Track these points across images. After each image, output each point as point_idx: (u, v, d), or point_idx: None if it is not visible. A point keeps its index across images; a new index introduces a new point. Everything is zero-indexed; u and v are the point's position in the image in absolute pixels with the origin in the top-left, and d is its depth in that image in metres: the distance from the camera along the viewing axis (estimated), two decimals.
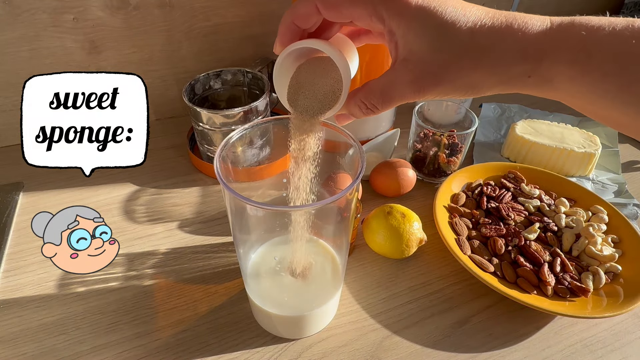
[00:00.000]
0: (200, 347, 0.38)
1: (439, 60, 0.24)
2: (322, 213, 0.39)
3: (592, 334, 0.40)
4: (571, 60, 0.22)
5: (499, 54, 0.23)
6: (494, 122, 0.71)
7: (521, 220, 0.49)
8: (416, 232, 0.44)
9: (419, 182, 0.57)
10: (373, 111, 0.27)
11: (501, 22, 0.23)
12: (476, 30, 0.23)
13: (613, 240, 0.46)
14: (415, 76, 0.24)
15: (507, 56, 0.23)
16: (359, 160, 0.30)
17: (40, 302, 0.41)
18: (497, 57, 0.23)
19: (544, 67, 0.23)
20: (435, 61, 0.24)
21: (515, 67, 0.23)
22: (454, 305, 0.42)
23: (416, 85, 0.25)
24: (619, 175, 0.60)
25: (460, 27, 0.23)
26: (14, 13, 0.53)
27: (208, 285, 0.43)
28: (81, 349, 0.37)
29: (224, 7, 0.63)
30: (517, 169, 0.55)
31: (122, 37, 0.60)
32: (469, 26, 0.23)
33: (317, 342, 0.39)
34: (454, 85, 0.24)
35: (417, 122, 0.55)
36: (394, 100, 0.26)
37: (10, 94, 0.59)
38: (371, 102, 0.27)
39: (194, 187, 0.56)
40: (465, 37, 0.23)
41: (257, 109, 0.54)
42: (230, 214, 0.32)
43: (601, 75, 0.22)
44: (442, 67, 0.24)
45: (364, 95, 0.27)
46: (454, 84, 0.24)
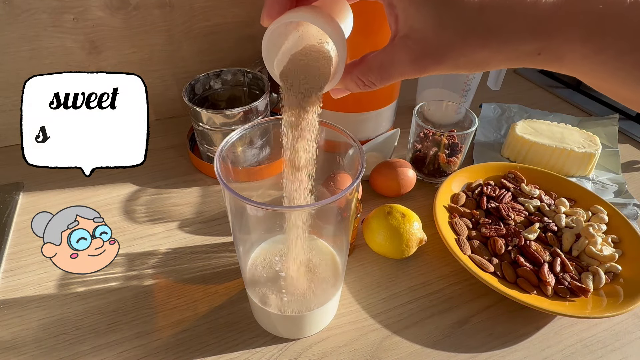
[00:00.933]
0: (200, 347, 0.38)
1: (443, 39, 0.22)
2: (322, 213, 0.39)
3: (592, 334, 0.40)
4: (584, 37, 0.20)
5: (508, 32, 0.21)
6: (494, 122, 0.71)
7: (521, 220, 0.49)
8: (416, 232, 0.44)
9: (419, 182, 0.57)
10: (370, 87, 0.26)
11: None
12: (485, 4, 0.21)
13: (613, 240, 0.46)
14: (416, 55, 0.23)
15: (517, 35, 0.21)
16: (359, 160, 0.30)
17: (40, 302, 0.41)
18: (506, 36, 0.21)
19: (554, 45, 0.21)
20: (438, 39, 0.22)
21: (525, 46, 0.21)
22: (454, 305, 0.42)
23: (417, 65, 0.23)
24: (619, 175, 0.60)
25: (468, 1, 0.21)
26: (14, 13, 0.53)
27: (208, 285, 0.43)
28: (81, 349, 0.37)
29: (224, 7, 0.63)
30: (517, 169, 0.55)
31: (122, 37, 0.60)
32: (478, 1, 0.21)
33: (317, 342, 0.39)
34: (457, 63, 0.23)
35: (417, 122, 0.55)
36: (392, 78, 0.25)
37: (10, 94, 0.59)
38: (369, 79, 0.25)
39: (194, 187, 0.56)
40: (473, 13, 0.21)
41: (257, 109, 0.54)
42: (230, 214, 0.32)
43: (616, 53, 0.20)
44: (445, 46, 0.22)
45: (361, 71, 0.26)
46: (457, 61, 0.23)
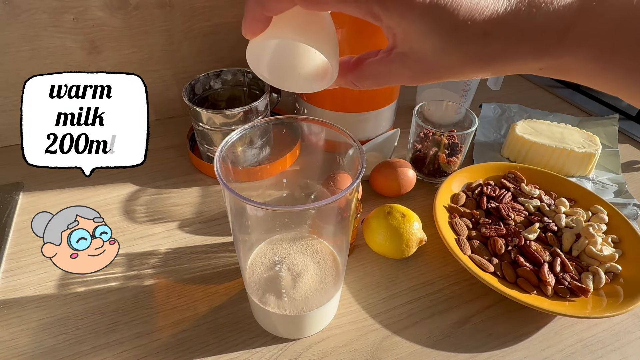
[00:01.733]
0: (200, 347, 0.38)
1: (443, 62, 0.21)
2: (322, 213, 0.39)
3: (592, 334, 0.40)
4: (593, 57, 0.20)
5: (512, 57, 0.20)
6: (494, 122, 0.71)
7: (521, 220, 0.49)
8: (416, 232, 0.44)
9: (419, 182, 0.57)
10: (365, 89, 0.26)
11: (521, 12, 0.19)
12: (489, 32, 0.20)
13: (613, 240, 0.46)
14: (414, 73, 0.23)
15: (521, 57, 0.21)
16: (359, 160, 0.30)
17: (40, 302, 0.41)
18: (509, 59, 0.21)
19: (560, 63, 0.21)
20: (438, 62, 0.22)
21: (527, 65, 0.21)
22: (454, 305, 0.42)
23: (414, 80, 0.23)
24: (619, 175, 0.60)
25: (473, 29, 0.20)
26: (14, 13, 0.53)
27: (208, 285, 0.43)
28: (81, 349, 0.37)
29: (224, 7, 0.63)
30: (517, 169, 0.55)
31: (122, 37, 0.60)
32: (483, 27, 0.20)
33: (317, 342, 0.39)
34: (456, 79, 0.23)
35: (417, 122, 0.55)
36: (387, 85, 0.25)
37: (10, 94, 0.58)
38: (363, 85, 0.25)
39: (194, 187, 0.56)
40: (477, 40, 0.20)
41: (257, 109, 0.54)
42: (230, 214, 0.32)
43: (625, 71, 0.20)
44: (445, 68, 0.22)
45: (356, 78, 0.25)
46: (455, 78, 0.23)
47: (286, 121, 0.37)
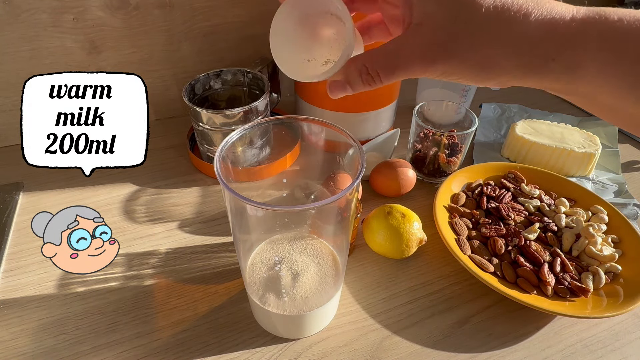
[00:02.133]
0: (200, 347, 0.38)
1: (453, 31, 0.22)
2: (322, 213, 0.39)
3: (592, 334, 0.40)
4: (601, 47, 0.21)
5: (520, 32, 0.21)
6: (494, 122, 0.71)
7: (521, 220, 0.49)
8: (416, 232, 0.44)
9: (419, 182, 0.57)
10: (374, 80, 0.25)
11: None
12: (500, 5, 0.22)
13: (613, 240, 0.46)
14: (425, 42, 0.23)
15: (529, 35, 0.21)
16: (359, 160, 0.30)
17: (40, 302, 0.41)
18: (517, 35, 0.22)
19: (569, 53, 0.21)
20: (448, 31, 0.22)
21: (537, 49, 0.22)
22: (454, 305, 0.42)
23: (425, 56, 0.23)
24: (619, 175, 0.60)
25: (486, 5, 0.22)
26: (14, 13, 0.53)
27: (208, 285, 0.43)
28: (81, 349, 0.37)
29: (224, 7, 0.63)
30: (517, 169, 0.55)
31: (122, 37, 0.60)
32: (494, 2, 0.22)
33: (317, 342, 0.39)
34: (465, 63, 0.23)
35: (417, 122, 0.55)
36: (398, 68, 0.24)
37: (10, 94, 0.59)
38: (373, 66, 0.25)
39: (194, 187, 0.56)
40: (488, 10, 0.22)
41: (257, 109, 0.54)
42: (230, 214, 0.32)
43: None
44: (454, 39, 0.22)
45: (367, 58, 0.25)
46: (464, 58, 0.23)
47: (286, 121, 0.37)
